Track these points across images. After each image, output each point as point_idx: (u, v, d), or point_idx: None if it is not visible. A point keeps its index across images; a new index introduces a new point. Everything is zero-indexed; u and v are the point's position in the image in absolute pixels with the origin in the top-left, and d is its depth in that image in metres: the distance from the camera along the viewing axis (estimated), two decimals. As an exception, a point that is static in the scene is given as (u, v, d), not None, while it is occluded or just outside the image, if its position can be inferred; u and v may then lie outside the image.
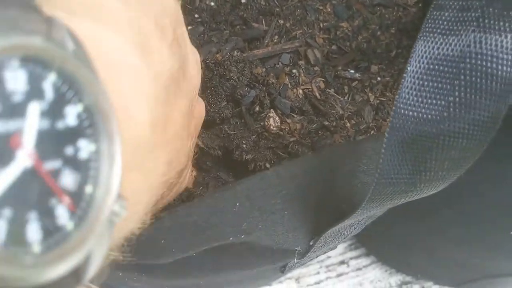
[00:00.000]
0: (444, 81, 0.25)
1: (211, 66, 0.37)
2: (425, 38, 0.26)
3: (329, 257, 0.66)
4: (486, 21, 0.25)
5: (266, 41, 0.41)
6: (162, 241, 0.30)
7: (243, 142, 0.37)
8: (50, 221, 0.14)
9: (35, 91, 0.14)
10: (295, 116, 0.38)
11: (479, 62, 0.24)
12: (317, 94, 0.39)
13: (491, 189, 0.49)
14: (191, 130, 0.29)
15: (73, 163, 0.15)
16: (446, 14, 0.26)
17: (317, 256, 0.43)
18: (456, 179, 0.49)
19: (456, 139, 0.25)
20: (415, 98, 0.25)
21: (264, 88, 0.38)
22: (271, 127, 0.37)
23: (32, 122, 0.14)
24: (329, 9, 0.45)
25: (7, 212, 0.13)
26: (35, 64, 0.14)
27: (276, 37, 0.42)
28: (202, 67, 0.37)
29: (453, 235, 0.55)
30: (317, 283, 0.64)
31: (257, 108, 0.38)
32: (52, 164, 0.15)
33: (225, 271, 0.39)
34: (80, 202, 0.15)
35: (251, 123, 0.37)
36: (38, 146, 0.14)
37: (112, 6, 0.21)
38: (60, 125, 0.15)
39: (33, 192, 0.14)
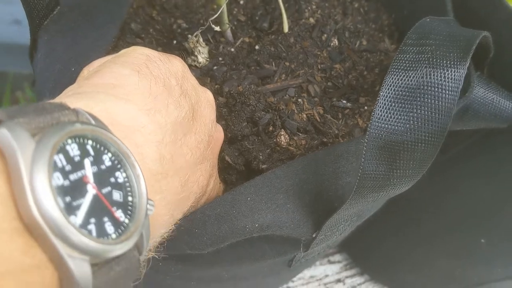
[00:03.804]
0: (406, 103, 0.29)
1: (235, 95, 0.40)
2: (392, 73, 0.30)
3: (327, 275, 0.67)
4: (435, 60, 0.29)
5: (276, 79, 0.44)
6: (196, 230, 0.34)
7: (260, 154, 0.39)
8: (116, 221, 0.21)
9: (84, 152, 0.21)
10: (301, 134, 0.40)
11: (430, 88, 0.29)
12: (318, 118, 0.42)
13: (463, 200, 0.50)
14: (206, 154, 0.32)
15: (117, 186, 0.22)
16: (407, 56, 0.31)
17: (318, 253, 0.45)
18: (439, 189, 0.50)
19: (417, 144, 0.29)
20: (386, 115, 0.29)
21: (276, 113, 0.41)
22: (282, 143, 0.39)
23: (88, 169, 0.21)
24: (325, 54, 0.47)
25: (93, 220, 0.20)
26: (79, 138, 0.21)
27: (284, 75, 0.45)
28: (227, 96, 0.41)
29: (437, 246, 0.55)
30: (316, 299, 0.64)
31: (270, 128, 0.40)
32: (105, 190, 0.21)
33: (245, 263, 0.40)
34: (128, 207, 0.22)
35: (266, 139, 0.40)
36: (95, 181, 0.21)
37: (131, 86, 0.26)
38: (103, 167, 0.21)
39: (101, 207, 0.21)
